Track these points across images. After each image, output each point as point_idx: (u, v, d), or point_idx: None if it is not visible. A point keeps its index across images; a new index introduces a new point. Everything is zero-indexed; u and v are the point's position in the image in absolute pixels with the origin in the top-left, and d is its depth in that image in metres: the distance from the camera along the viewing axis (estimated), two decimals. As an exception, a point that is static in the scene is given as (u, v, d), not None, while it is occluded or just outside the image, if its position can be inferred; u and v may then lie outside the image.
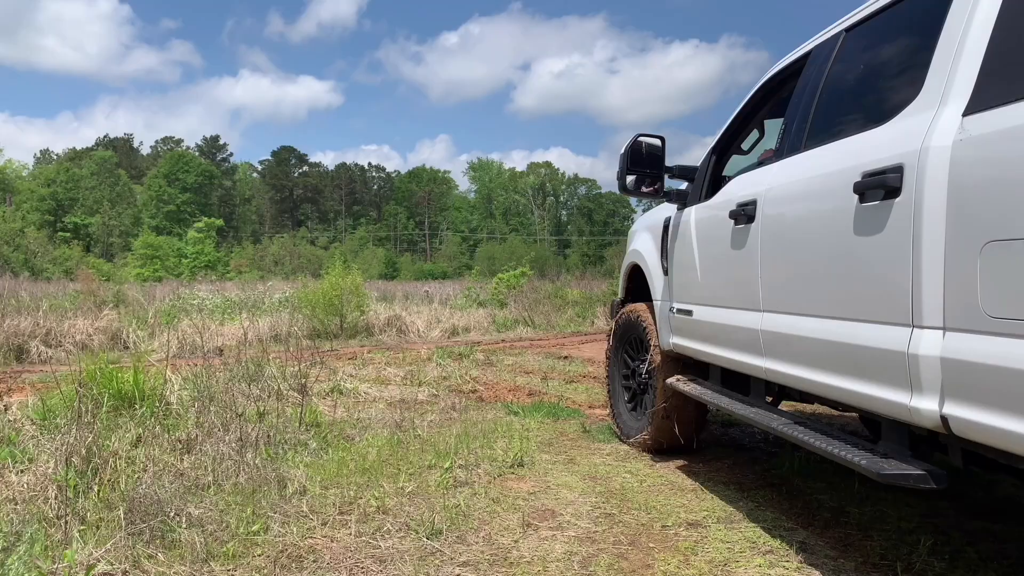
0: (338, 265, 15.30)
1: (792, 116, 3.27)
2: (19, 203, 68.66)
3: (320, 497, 3.63)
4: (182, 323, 11.87)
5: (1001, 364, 1.85)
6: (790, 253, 3.00)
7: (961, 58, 2.21)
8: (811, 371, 2.77)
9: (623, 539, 3.20)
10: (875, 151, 2.43)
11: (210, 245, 65.73)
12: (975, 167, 2.02)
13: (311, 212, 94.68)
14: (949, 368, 2.05)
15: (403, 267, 70.75)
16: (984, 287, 1.93)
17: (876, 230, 2.36)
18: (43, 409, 4.78)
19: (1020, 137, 1.85)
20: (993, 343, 1.89)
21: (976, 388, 1.97)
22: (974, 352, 1.97)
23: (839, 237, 2.57)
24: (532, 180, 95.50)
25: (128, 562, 2.73)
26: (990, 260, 1.91)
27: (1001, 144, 1.93)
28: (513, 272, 22.85)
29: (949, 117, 2.16)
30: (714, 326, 3.70)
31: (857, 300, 2.50)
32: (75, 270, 36.65)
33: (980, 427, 1.96)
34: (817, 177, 2.80)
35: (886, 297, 2.32)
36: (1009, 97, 1.95)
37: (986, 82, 2.09)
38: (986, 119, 2.02)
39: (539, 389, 7.61)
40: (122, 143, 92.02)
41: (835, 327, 2.60)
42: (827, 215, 2.67)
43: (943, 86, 2.24)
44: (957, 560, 2.95)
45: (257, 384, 5.71)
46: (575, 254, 79.30)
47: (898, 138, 2.34)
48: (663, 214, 4.55)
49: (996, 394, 1.89)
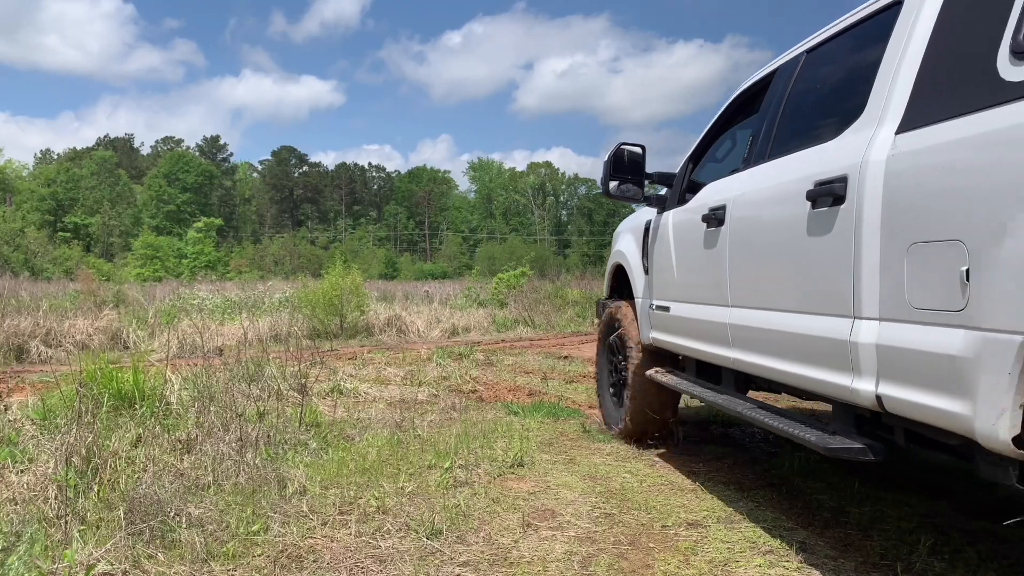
0: (338, 265, 15.29)
1: (759, 128, 3.56)
2: (19, 203, 68.69)
3: (320, 497, 3.63)
4: (182, 323, 11.87)
5: (921, 348, 2.15)
6: (754, 253, 3.29)
7: (896, 83, 2.51)
8: (772, 360, 3.07)
9: (623, 539, 3.20)
10: (825, 163, 2.73)
11: (210, 245, 65.75)
12: (903, 179, 2.31)
13: (311, 212, 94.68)
14: (883, 353, 2.33)
15: (403, 267, 70.76)
16: (909, 282, 2.23)
17: (825, 233, 2.67)
18: (43, 409, 4.78)
19: (935, 154, 2.17)
20: (915, 330, 2.19)
21: (903, 370, 2.26)
22: (901, 339, 2.25)
23: (795, 239, 2.87)
24: (532, 180, 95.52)
25: (128, 562, 2.73)
26: (914, 259, 2.22)
27: (922, 159, 2.24)
28: (513, 272, 22.86)
29: (885, 135, 2.46)
30: (689, 321, 3.97)
31: (809, 295, 2.80)
32: (75, 270, 36.65)
33: (906, 403, 2.24)
34: (778, 185, 3.10)
35: (833, 292, 2.60)
36: (930, 119, 2.26)
37: (914, 105, 2.40)
38: (912, 138, 2.32)
39: (539, 389, 7.61)
40: (122, 143, 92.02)
41: (792, 320, 2.90)
42: (785, 219, 2.97)
43: (881, 107, 2.54)
44: (957, 560, 2.95)
45: (257, 384, 5.71)
46: (575, 254, 79.36)
47: (844, 152, 2.64)
48: (644, 217, 4.82)
49: (917, 374, 2.18)
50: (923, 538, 3.11)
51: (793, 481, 4.08)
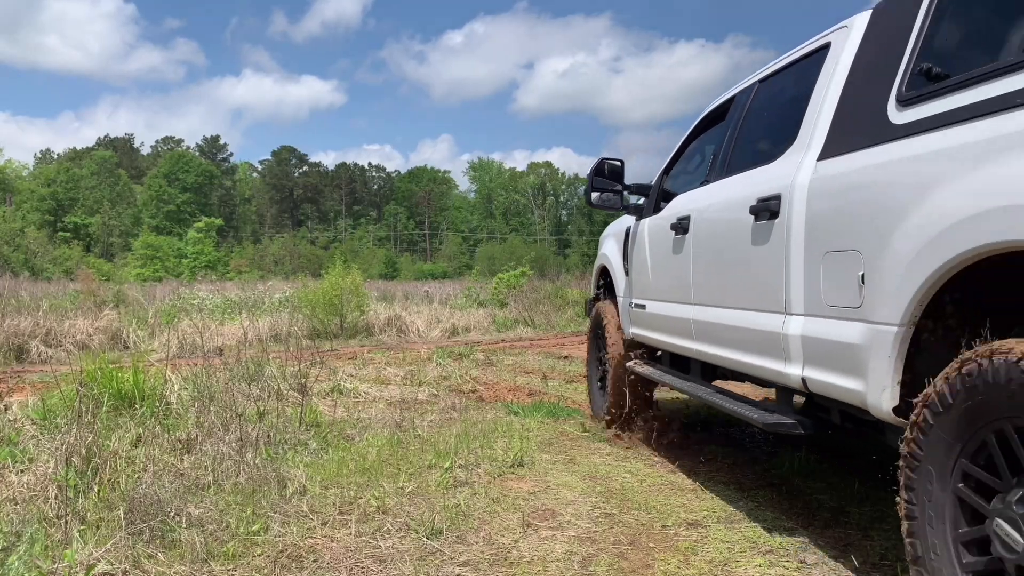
0: (338, 265, 15.29)
1: (719, 147, 4.03)
2: (19, 203, 68.68)
3: (320, 497, 3.63)
4: (182, 323, 11.87)
5: (833, 338, 2.62)
6: (711, 258, 3.77)
7: (820, 116, 2.96)
8: (726, 350, 3.54)
9: (623, 539, 3.20)
10: (765, 183, 3.17)
11: (210, 245, 65.74)
12: (821, 198, 2.78)
13: (311, 212, 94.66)
14: (806, 343, 2.81)
15: (403, 267, 70.76)
16: (825, 284, 2.70)
17: (763, 243, 3.12)
18: (43, 409, 4.78)
19: (842, 179, 2.65)
20: (829, 324, 2.66)
21: (820, 356, 2.72)
22: (819, 331, 2.72)
23: (742, 247, 3.33)
24: (532, 180, 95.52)
25: (128, 562, 2.73)
26: (828, 265, 2.68)
27: (833, 182, 2.71)
28: (513, 272, 22.85)
29: (810, 160, 2.91)
30: (661, 317, 4.45)
31: (753, 295, 3.25)
32: (75, 270, 36.64)
33: (823, 383, 2.71)
34: (729, 199, 3.54)
35: (770, 292, 3.06)
36: (841, 150, 2.72)
37: (831, 136, 2.85)
38: (828, 164, 2.79)
39: (539, 389, 7.61)
40: (122, 143, 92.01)
41: (740, 315, 3.36)
42: (734, 230, 3.40)
43: (809, 136, 2.98)
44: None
45: (257, 384, 5.71)
46: (575, 254, 79.33)
47: (779, 173, 3.08)
48: (625, 224, 5.30)
49: (830, 360, 2.65)
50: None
51: (793, 481, 4.08)
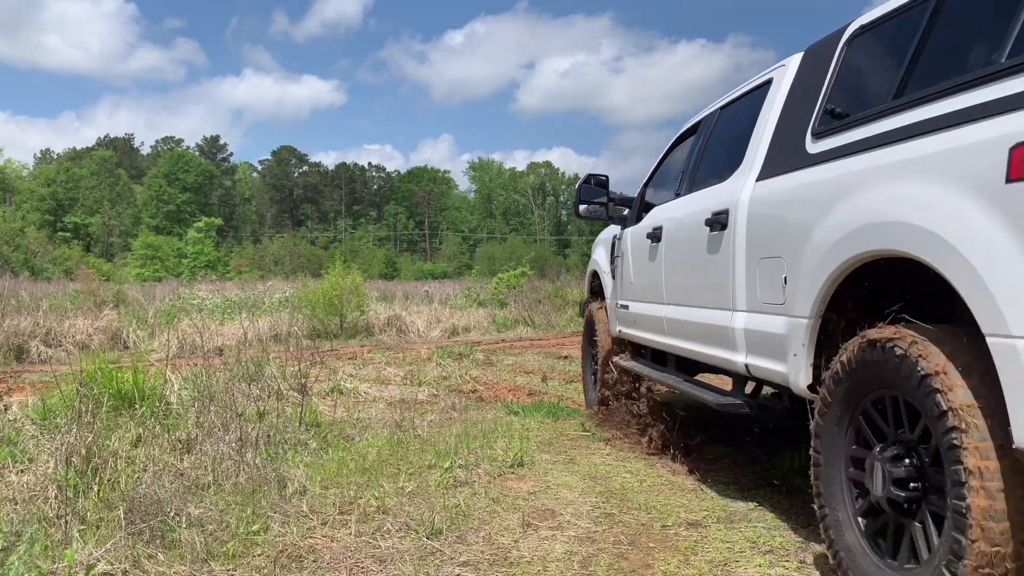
0: (338, 265, 15.28)
1: (687, 165, 4.59)
2: (19, 203, 68.65)
3: (320, 497, 3.63)
4: (182, 323, 11.87)
5: (765, 330, 3.17)
6: (677, 264, 4.31)
7: (761, 142, 3.49)
8: (690, 343, 4.10)
9: (623, 539, 3.20)
10: (718, 198, 3.71)
11: (210, 245, 65.72)
12: (757, 213, 3.33)
13: (311, 212, 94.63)
14: (747, 335, 3.36)
15: (403, 267, 70.73)
16: (760, 285, 3.24)
17: (716, 251, 3.66)
18: (43, 409, 4.78)
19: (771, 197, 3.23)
20: (763, 318, 3.21)
21: (757, 345, 3.28)
22: (756, 324, 3.27)
23: (700, 254, 3.85)
24: (532, 180, 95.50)
25: (128, 562, 2.73)
26: (761, 269, 3.23)
27: (765, 200, 3.28)
28: (513, 272, 22.86)
29: (751, 181, 3.44)
30: (641, 316, 4.95)
31: (708, 295, 3.77)
32: (75, 270, 36.62)
33: (760, 368, 3.26)
34: (692, 212, 4.03)
35: (721, 292, 3.59)
36: (773, 173, 3.28)
37: (767, 161, 3.39)
38: (763, 184, 3.34)
39: (539, 389, 7.61)
40: (122, 143, 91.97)
41: (699, 313, 3.89)
42: (695, 239, 3.91)
43: (752, 159, 3.51)
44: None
45: (257, 384, 5.71)
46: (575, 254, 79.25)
47: (728, 191, 3.60)
48: (612, 232, 5.82)
49: (764, 348, 3.20)
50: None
51: (793, 481, 4.08)
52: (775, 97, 3.53)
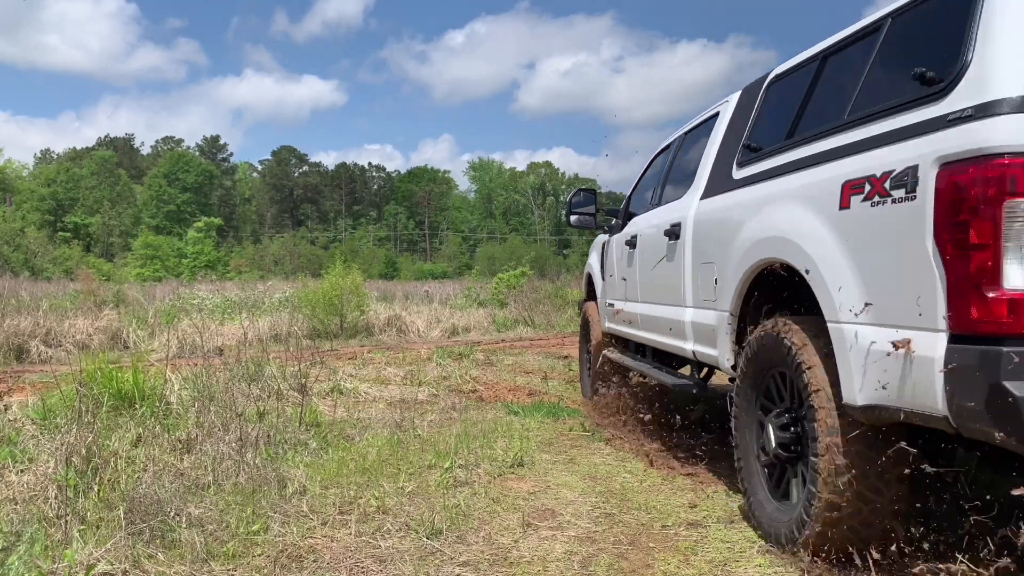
0: (338, 265, 15.28)
1: (658, 181, 5.30)
2: (19, 203, 68.63)
3: (320, 497, 3.63)
4: (182, 323, 11.87)
5: (703, 322, 3.89)
6: (646, 267, 4.96)
7: (706, 167, 4.22)
8: (657, 335, 4.81)
9: (623, 539, 3.20)
10: (674, 213, 4.43)
11: (210, 245, 65.70)
12: (699, 226, 4.04)
13: (311, 212, 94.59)
14: (694, 327, 4.07)
15: (403, 267, 70.69)
16: (701, 285, 3.93)
17: (672, 257, 4.38)
18: (43, 409, 4.78)
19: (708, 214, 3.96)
20: (702, 312, 3.91)
21: (699, 335, 4.00)
22: (699, 317, 3.97)
23: (662, 260, 4.56)
24: (532, 180, 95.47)
25: (128, 562, 2.73)
26: (702, 272, 3.93)
27: (704, 216, 4.00)
28: (513, 272, 22.84)
29: (697, 199, 4.16)
30: (623, 313, 5.64)
31: (668, 294, 4.47)
32: (75, 270, 36.61)
33: (702, 353, 4.00)
34: (657, 223, 4.72)
35: (676, 292, 4.29)
36: (711, 194, 4.02)
37: (709, 183, 4.10)
38: (704, 203, 4.05)
39: (539, 389, 7.61)
40: (122, 143, 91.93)
41: (661, 309, 4.65)
42: (658, 247, 4.61)
43: (700, 181, 4.24)
44: (956, 559, 2.94)
45: (257, 384, 5.71)
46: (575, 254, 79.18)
47: (682, 207, 4.33)
48: (603, 239, 6.52)
49: (703, 337, 3.93)
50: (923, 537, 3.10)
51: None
52: (719, 128, 4.27)
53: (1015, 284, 2.05)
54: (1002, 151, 2.04)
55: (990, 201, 2.04)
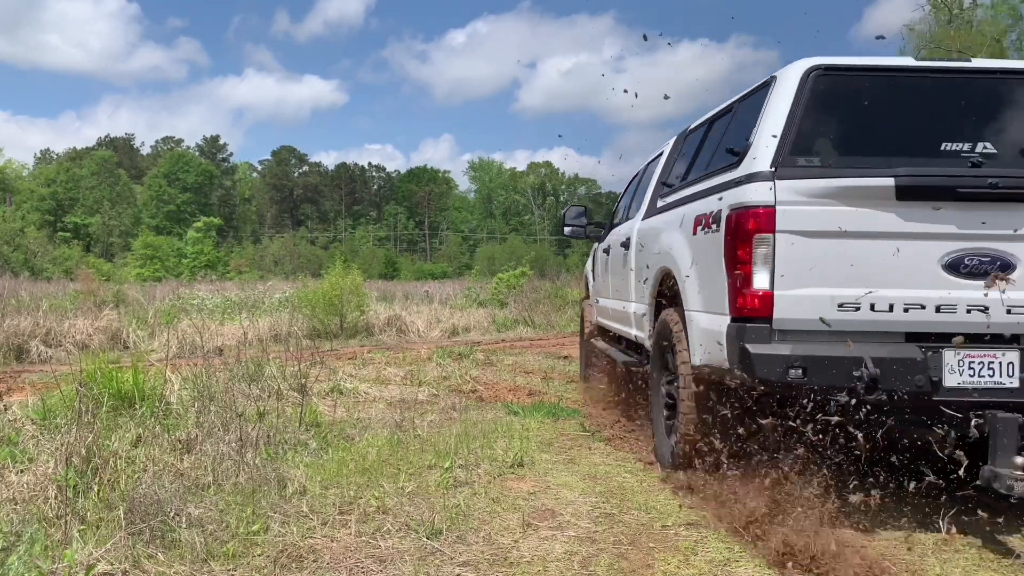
0: (338, 265, 15.27)
1: (628, 201, 6.46)
2: (19, 203, 68.56)
3: (320, 497, 3.63)
4: (182, 323, 11.87)
5: (639, 312, 4.98)
6: (612, 271, 6.22)
7: (648, 194, 5.37)
8: (619, 325, 5.95)
9: (623, 539, 3.20)
10: (629, 228, 5.56)
11: (210, 245, 65.66)
12: (638, 240, 5.16)
13: (311, 212, 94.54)
14: (635, 317, 5.13)
15: (403, 267, 70.64)
16: (640, 286, 4.95)
17: (625, 263, 5.49)
18: (43, 409, 4.78)
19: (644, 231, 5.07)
20: (639, 305, 4.99)
21: (637, 322, 5.11)
22: (637, 310, 5.05)
23: (620, 265, 5.72)
24: (532, 180, 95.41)
25: (128, 562, 2.73)
26: (639, 275, 5.01)
27: (642, 232, 5.12)
28: (513, 272, 22.82)
29: (640, 219, 5.30)
30: (601, 308, 6.93)
31: (623, 292, 5.62)
32: (75, 270, 36.56)
33: (639, 336, 5.10)
34: (619, 236, 5.89)
35: (627, 290, 5.44)
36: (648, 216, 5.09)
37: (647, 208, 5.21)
38: (643, 222, 5.16)
39: (539, 389, 7.62)
40: (122, 143, 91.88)
41: (620, 303, 5.76)
42: (619, 254, 5.81)
43: (644, 206, 5.33)
44: (955, 560, 2.94)
45: (257, 384, 5.71)
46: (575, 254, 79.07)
47: (633, 224, 5.49)
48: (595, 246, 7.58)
49: (639, 323, 5.02)
50: (922, 537, 3.10)
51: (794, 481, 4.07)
52: (659, 164, 5.55)
53: (760, 286, 3.26)
54: (754, 205, 3.27)
55: (747, 234, 3.28)
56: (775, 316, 3.24)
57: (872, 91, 3.54)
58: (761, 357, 3.17)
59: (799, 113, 3.41)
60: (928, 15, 25.68)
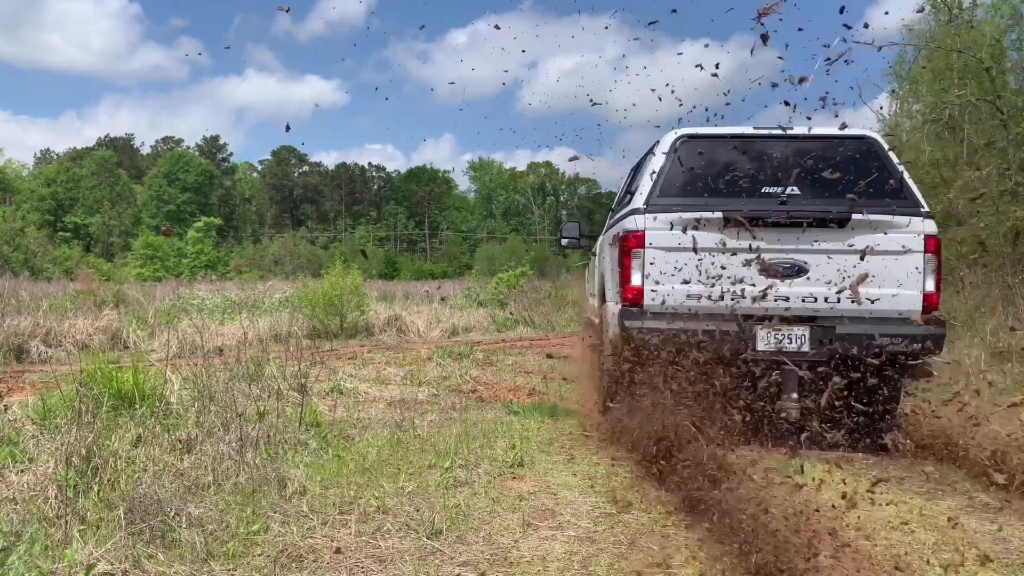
0: (338, 265, 15.26)
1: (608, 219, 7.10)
2: (19, 203, 68.50)
3: (320, 497, 3.63)
4: (182, 323, 11.86)
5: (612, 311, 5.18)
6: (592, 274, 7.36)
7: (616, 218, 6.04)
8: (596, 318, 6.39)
9: (623, 539, 3.20)
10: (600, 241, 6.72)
11: (210, 245, 65.64)
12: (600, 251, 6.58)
13: (311, 212, 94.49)
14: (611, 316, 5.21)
15: (403, 267, 70.60)
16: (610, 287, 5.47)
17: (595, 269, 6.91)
18: (43, 409, 4.78)
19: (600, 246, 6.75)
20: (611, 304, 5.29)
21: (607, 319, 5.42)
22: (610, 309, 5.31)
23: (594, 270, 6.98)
24: (532, 180, 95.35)
25: (128, 562, 2.73)
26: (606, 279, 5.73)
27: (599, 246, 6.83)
28: (513, 272, 22.80)
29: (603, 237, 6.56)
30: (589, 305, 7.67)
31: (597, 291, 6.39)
32: (75, 270, 36.54)
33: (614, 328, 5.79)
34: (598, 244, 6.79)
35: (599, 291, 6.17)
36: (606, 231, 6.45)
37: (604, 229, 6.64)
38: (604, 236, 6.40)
39: (539, 389, 7.61)
40: (122, 143, 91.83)
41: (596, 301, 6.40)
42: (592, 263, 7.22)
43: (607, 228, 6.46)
44: (956, 559, 2.95)
45: (257, 384, 5.71)
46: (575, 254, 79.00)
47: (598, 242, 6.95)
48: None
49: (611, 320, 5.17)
50: (922, 537, 3.11)
51: (793, 480, 4.07)
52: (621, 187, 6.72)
53: (635, 283, 4.83)
54: (634, 230, 4.88)
55: (628, 249, 4.87)
56: (644, 303, 4.81)
57: (718, 151, 5.03)
58: (635, 329, 4.74)
59: (667, 167, 4.95)
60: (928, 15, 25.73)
